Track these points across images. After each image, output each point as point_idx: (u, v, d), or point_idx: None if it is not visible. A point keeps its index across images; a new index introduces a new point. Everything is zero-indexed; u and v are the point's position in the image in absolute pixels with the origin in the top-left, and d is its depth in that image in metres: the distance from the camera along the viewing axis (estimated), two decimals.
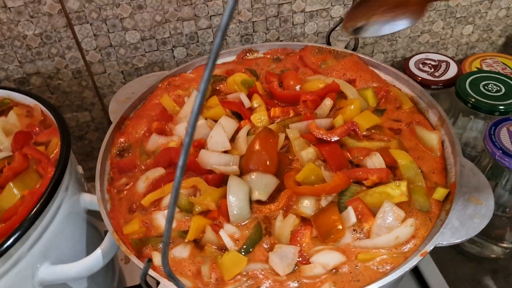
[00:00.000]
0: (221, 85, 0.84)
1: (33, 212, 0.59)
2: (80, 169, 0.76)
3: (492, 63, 1.07)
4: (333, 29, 0.86)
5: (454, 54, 1.19)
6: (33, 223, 0.58)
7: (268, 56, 0.90)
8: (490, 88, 0.90)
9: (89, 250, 0.73)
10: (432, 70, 1.02)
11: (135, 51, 0.96)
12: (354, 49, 0.85)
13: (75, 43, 0.92)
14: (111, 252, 0.66)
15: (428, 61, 1.05)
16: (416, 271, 0.90)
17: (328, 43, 0.88)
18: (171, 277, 0.49)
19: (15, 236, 0.56)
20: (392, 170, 0.66)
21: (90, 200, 0.72)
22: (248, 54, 0.90)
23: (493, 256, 0.91)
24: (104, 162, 0.71)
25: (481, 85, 0.92)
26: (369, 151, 0.67)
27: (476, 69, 1.04)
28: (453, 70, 1.02)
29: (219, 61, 0.89)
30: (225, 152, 0.68)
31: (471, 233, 0.55)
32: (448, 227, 0.56)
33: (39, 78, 0.95)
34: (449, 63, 1.04)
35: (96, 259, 0.64)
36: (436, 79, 0.99)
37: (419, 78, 1.00)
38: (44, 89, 0.97)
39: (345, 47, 0.86)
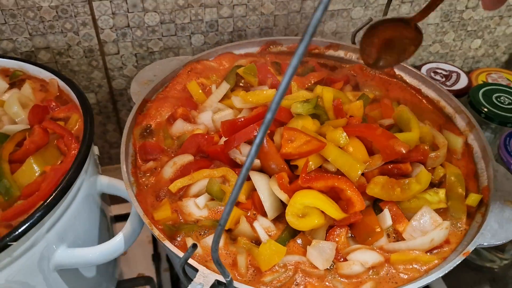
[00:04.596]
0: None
1: (58, 189, 0.55)
2: (96, 150, 0.72)
3: (497, 78, 1.09)
4: (359, 29, 0.85)
5: (460, 66, 1.21)
6: (59, 201, 0.54)
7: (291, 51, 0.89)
8: (502, 100, 0.92)
9: (101, 235, 0.69)
10: (444, 79, 1.03)
11: (152, 34, 0.92)
12: None
13: (91, 19, 0.87)
14: (132, 237, 0.62)
15: (439, 70, 1.06)
16: None
17: (353, 42, 0.87)
18: (218, 264, 0.46)
19: (40, 213, 0.52)
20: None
21: (107, 182, 0.68)
22: (271, 47, 0.88)
23: (492, 265, 0.93)
24: (127, 144, 0.67)
25: (493, 96, 0.93)
26: None
27: (482, 82, 1.06)
28: (463, 81, 1.03)
29: (242, 51, 0.87)
30: None
31: (511, 236, 0.55)
32: (487, 229, 0.56)
33: (48, 54, 0.90)
34: (459, 73, 1.06)
35: (118, 244, 0.61)
36: (448, 88, 1.01)
37: None
38: (51, 66, 0.92)
39: None
